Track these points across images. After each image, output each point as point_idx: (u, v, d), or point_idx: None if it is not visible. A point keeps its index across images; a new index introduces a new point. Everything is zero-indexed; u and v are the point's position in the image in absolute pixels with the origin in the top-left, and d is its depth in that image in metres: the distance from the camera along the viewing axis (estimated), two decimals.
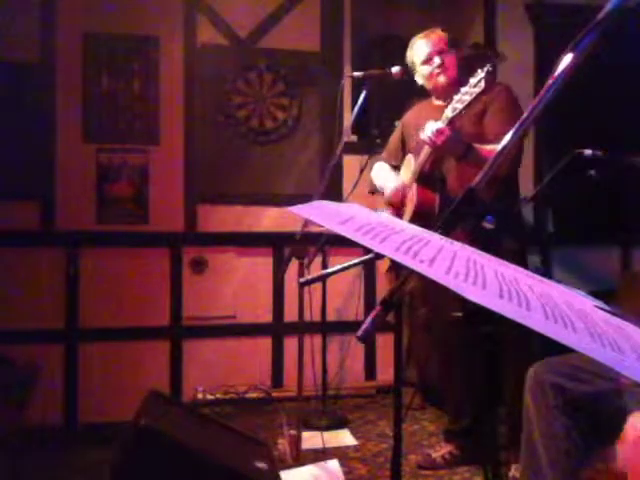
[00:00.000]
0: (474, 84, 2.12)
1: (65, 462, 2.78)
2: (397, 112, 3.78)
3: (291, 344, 3.66)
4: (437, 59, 2.54)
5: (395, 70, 2.73)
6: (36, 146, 3.46)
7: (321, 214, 0.91)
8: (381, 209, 2.96)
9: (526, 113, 0.92)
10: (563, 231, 3.99)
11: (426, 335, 2.89)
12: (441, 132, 2.26)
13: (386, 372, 3.84)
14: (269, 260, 3.77)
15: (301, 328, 2.83)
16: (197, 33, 3.69)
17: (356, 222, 0.80)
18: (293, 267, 2.90)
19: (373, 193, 3.61)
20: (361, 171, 3.03)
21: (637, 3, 0.84)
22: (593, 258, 4.01)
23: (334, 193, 3.62)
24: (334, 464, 2.58)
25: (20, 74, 3.44)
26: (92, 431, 3.26)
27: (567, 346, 0.54)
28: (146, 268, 3.60)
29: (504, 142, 0.94)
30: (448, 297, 2.59)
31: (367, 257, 1.25)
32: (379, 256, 1.38)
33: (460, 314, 2.50)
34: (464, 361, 2.59)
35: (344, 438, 3.05)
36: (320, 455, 2.74)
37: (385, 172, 2.84)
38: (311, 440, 2.92)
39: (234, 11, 3.72)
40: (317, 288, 3.27)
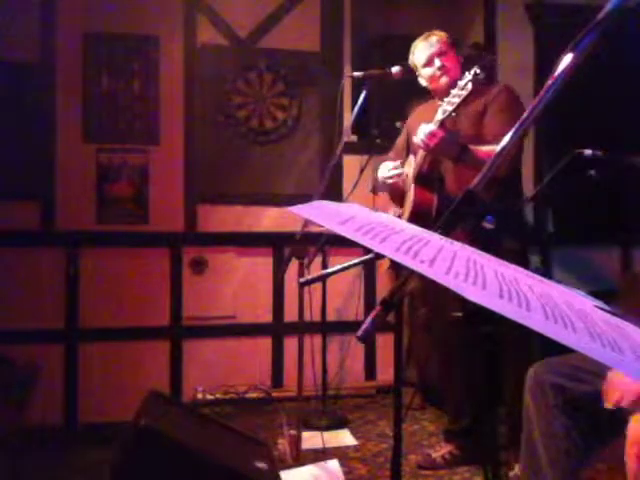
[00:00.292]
0: (462, 86, 2.16)
1: (65, 462, 2.78)
2: (397, 112, 3.78)
3: (291, 344, 3.66)
4: (437, 61, 2.54)
5: (395, 70, 2.73)
6: (36, 146, 3.46)
7: (321, 214, 0.91)
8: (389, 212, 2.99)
9: (526, 113, 0.92)
10: (563, 231, 3.99)
11: (426, 335, 2.89)
12: (433, 134, 2.27)
13: (386, 372, 3.84)
14: (269, 260, 3.77)
15: (301, 328, 2.83)
16: (197, 33, 3.69)
17: (356, 222, 0.80)
18: (293, 267, 2.90)
19: (375, 192, 3.62)
20: (361, 171, 3.03)
21: (637, 3, 0.84)
22: (593, 258, 4.01)
23: (334, 193, 3.62)
24: (334, 464, 2.58)
25: (20, 74, 3.44)
26: (92, 431, 3.26)
27: (567, 346, 0.54)
28: (146, 268, 3.60)
29: (503, 143, 0.94)
30: (448, 297, 2.59)
31: (367, 257, 1.25)
32: (379, 256, 1.38)
33: (460, 314, 2.51)
34: (464, 361, 2.59)
35: (344, 438, 3.05)
36: (320, 455, 2.74)
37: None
38: (311, 440, 2.92)
39: (234, 11, 3.72)
40: (317, 288, 3.27)
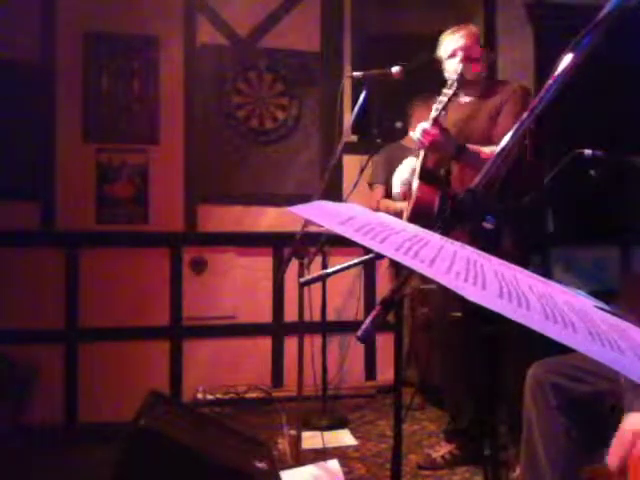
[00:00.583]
0: (449, 86, 2.26)
1: (65, 462, 2.78)
2: (397, 112, 3.79)
3: (291, 344, 3.66)
4: (461, 55, 2.53)
5: (395, 70, 2.73)
6: (36, 146, 3.46)
7: (321, 214, 0.91)
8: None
9: (526, 113, 0.92)
10: (563, 231, 3.99)
11: (426, 335, 2.89)
12: (427, 132, 2.29)
13: (386, 372, 3.84)
14: (269, 260, 3.77)
15: (301, 328, 2.83)
16: (197, 33, 3.69)
17: (356, 222, 0.80)
18: (293, 267, 2.90)
19: (371, 186, 3.63)
20: (361, 171, 3.03)
21: (637, 3, 0.84)
22: (593, 258, 4.01)
23: (334, 193, 3.62)
24: (334, 464, 2.58)
25: (20, 74, 3.44)
26: (92, 431, 3.26)
27: (567, 346, 0.54)
28: (146, 268, 3.60)
29: (503, 143, 0.94)
30: (448, 297, 2.59)
31: (367, 257, 1.25)
32: (379, 256, 1.38)
33: (460, 314, 2.51)
34: (464, 361, 2.59)
35: (344, 438, 3.05)
36: (320, 455, 2.74)
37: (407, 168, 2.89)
38: (311, 440, 2.92)
39: (234, 11, 3.72)
40: (317, 288, 3.26)
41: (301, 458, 2.68)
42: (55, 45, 3.50)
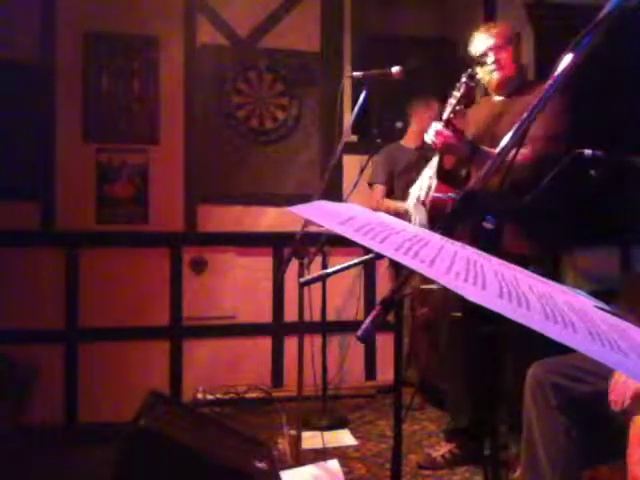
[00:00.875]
0: (457, 88, 2.24)
1: (65, 462, 2.77)
2: (397, 112, 3.79)
3: (291, 344, 3.66)
4: (491, 55, 2.50)
5: (395, 70, 2.73)
6: (36, 146, 3.46)
7: (321, 214, 0.91)
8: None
9: (526, 113, 0.92)
10: (563, 231, 3.98)
11: (426, 335, 2.89)
12: (439, 133, 2.28)
13: (386, 372, 3.84)
14: (269, 260, 3.77)
15: (301, 328, 2.83)
16: (197, 33, 3.69)
17: (356, 222, 0.80)
18: (293, 267, 2.89)
19: (371, 185, 3.64)
20: (361, 171, 3.03)
21: (637, 3, 0.84)
22: (593, 258, 4.01)
23: (334, 193, 3.62)
24: (334, 464, 2.58)
25: (20, 74, 3.44)
26: (92, 431, 3.26)
27: (567, 346, 0.54)
28: (146, 268, 3.60)
29: (503, 143, 0.93)
30: (448, 297, 2.59)
31: (367, 257, 1.25)
32: (379, 256, 1.38)
33: (460, 314, 2.51)
34: (464, 361, 2.59)
35: (344, 438, 3.05)
36: (320, 455, 2.74)
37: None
38: (311, 440, 2.92)
39: (234, 11, 3.72)
40: (317, 288, 3.26)
41: (301, 458, 2.68)
42: (55, 45, 3.50)
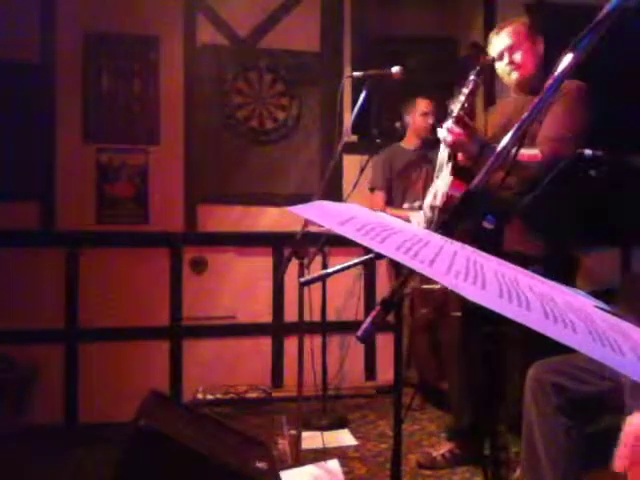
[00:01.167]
0: (466, 85, 2.20)
1: (65, 462, 2.78)
2: (397, 112, 3.79)
3: (291, 344, 3.66)
4: (507, 56, 2.47)
5: (395, 70, 2.73)
6: (36, 146, 3.46)
7: (321, 214, 0.91)
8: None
9: (526, 113, 0.92)
10: (563, 231, 3.98)
11: (426, 335, 2.89)
12: (450, 130, 2.27)
13: (386, 372, 3.84)
14: (269, 260, 3.77)
15: (301, 328, 2.83)
16: (197, 33, 3.69)
17: (356, 222, 0.80)
18: (293, 267, 2.90)
19: (372, 190, 3.63)
20: (361, 171, 3.03)
21: (637, 3, 0.84)
22: (593, 258, 4.01)
23: (334, 193, 3.62)
24: (334, 464, 2.58)
25: (20, 74, 3.44)
26: (92, 431, 3.26)
27: (567, 346, 0.54)
28: (146, 268, 3.60)
29: (503, 143, 0.93)
30: (448, 297, 2.58)
31: (367, 257, 1.25)
32: (379, 256, 1.38)
33: (460, 314, 2.51)
34: (464, 361, 2.59)
35: (344, 438, 3.05)
36: (320, 455, 2.74)
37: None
38: (311, 440, 2.92)
39: (234, 11, 3.72)
40: (317, 288, 3.26)
41: (301, 458, 2.68)
42: (55, 45, 3.50)
